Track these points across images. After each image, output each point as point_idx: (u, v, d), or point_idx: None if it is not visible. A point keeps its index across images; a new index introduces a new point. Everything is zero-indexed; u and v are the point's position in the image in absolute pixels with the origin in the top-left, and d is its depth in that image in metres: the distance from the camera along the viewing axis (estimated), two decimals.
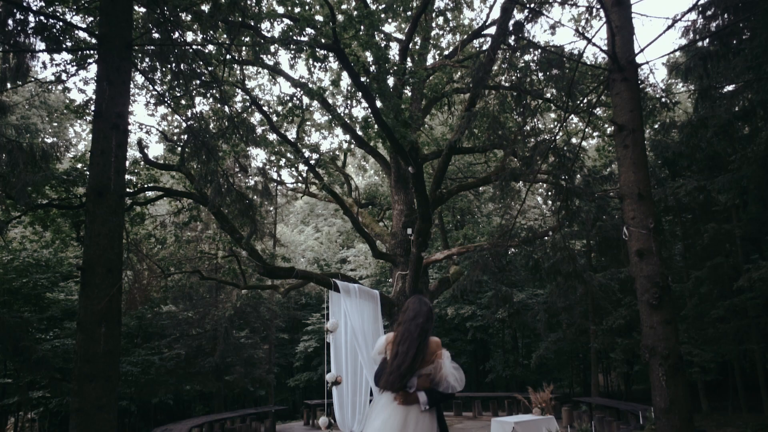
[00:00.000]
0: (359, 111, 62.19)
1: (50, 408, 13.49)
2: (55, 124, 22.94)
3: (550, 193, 17.25)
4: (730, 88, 11.09)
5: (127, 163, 11.16)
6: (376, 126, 9.51)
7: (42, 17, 7.18)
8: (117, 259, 5.13)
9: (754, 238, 13.35)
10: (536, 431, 9.54)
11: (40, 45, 7.52)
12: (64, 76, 9.07)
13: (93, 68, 11.41)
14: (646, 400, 14.89)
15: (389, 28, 51.05)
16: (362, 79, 8.90)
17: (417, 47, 13.28)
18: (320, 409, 14.36)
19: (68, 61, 9.10)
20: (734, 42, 9.43)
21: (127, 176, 11.24)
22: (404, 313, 3.40)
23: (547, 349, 16.91)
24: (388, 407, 3.23)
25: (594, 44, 5.26)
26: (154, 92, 10.92)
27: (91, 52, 9.07)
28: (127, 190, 10.80)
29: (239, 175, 14.68)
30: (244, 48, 11.36)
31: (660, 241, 4.95)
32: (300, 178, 15.52)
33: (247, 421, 13.75)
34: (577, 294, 14.99)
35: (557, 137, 7.86)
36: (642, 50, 5.01)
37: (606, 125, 13.99)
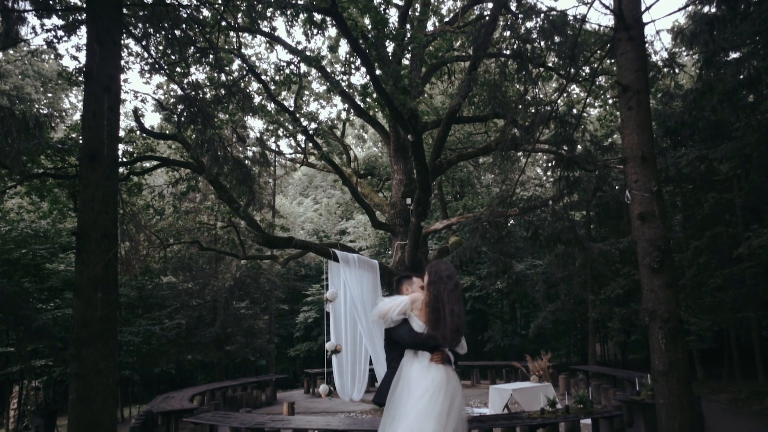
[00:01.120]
0: (358, 79, 61.30)
1: (54, 376, 13.65)
2: (50, 94, 22.63)
3: (550, 164, 17.15)
4: (735, 55, 10.87)
5: (123, 132, 11.08)
6: (374, 94, 9.35)
7: None
8: (112, 225, 5.07)
9: (754, 208, 13.30)
10: (533, 398, 9.65)
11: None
12: (54, 42, 8.84)
13: (85, 34, 11.14)
14: (643, 369, 15.08)
15: None
16: (360, 44, 8.69)
17: (417, 13, 12.97)
18: (320, 377, 14.54)
19: (59, 26, 8.86)
20: (741, 7, 9.19)
21: (123, 146, 11.14)
22: (437, 274, 3.50)
23: (546, 319, 17.05)
24: (431, 368, 3.36)
25: (600, 2, 5.08)
26: (150, 60, 10.71)
27: (82, 17, 8.82)
28: (124, 159, 10.69)
29: (238, 147, 14.55)
30: (240, 15, 11.10)
31: (662, 205, 4.89)
32: (299, 148, 15.38)
33: (248, 389, 13.92)
34: (576, 264, 15.04)
35: (559, 104, 7.72)
36: (648, 9, 4.85)
37: (608, 95, 13.82)
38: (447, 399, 3.26)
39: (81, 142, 6.84)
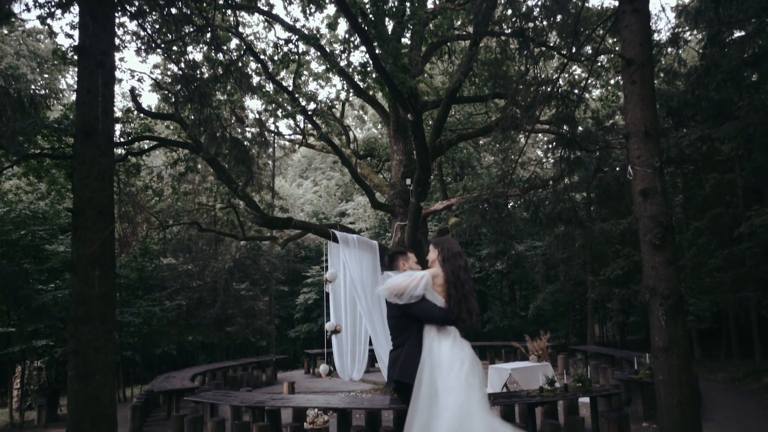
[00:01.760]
0: (357, 58, 60.68)
1: (55, 356, 13.73)
2: (46, 75, 22.40)
3: (551, 145, 17.02)
4: (740, 33, 10.71)
5: (121, 113, 10.96)
6: (374, 72, 9.21)
7: None
8: (108, 202, 5.02)
9: (756, 188, 13.24)
10: (532, 377, 9.71)
11: None
12: (47, 18, 8.66)
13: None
14: (641, 349, 15.17)
15: None
16: (359, 21, 8.53)
17: None
18: (320, 357, 14.61)
19: (52, 3, 8.69)
20: None
21: (120, 126, 11.03)
22: (449, 251, 3.54)
23: (545, 300, 17.10)
24: (463, 343, 3.46)
25: None
26: (146, 38, 10.54)
27: None
28: (121, 140, 10.59)
29: (237, 129, 14.43)
30: None
31: (664, 182, 4.83)
32: (298, 128, 15.25)
33: (249, 369, 14.01)
34: (575, 245, 15.03)
35: (560, 83, 7.61)
36: None
37: (609, 74, 13.67)
38: (480, 370, 3.39)
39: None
